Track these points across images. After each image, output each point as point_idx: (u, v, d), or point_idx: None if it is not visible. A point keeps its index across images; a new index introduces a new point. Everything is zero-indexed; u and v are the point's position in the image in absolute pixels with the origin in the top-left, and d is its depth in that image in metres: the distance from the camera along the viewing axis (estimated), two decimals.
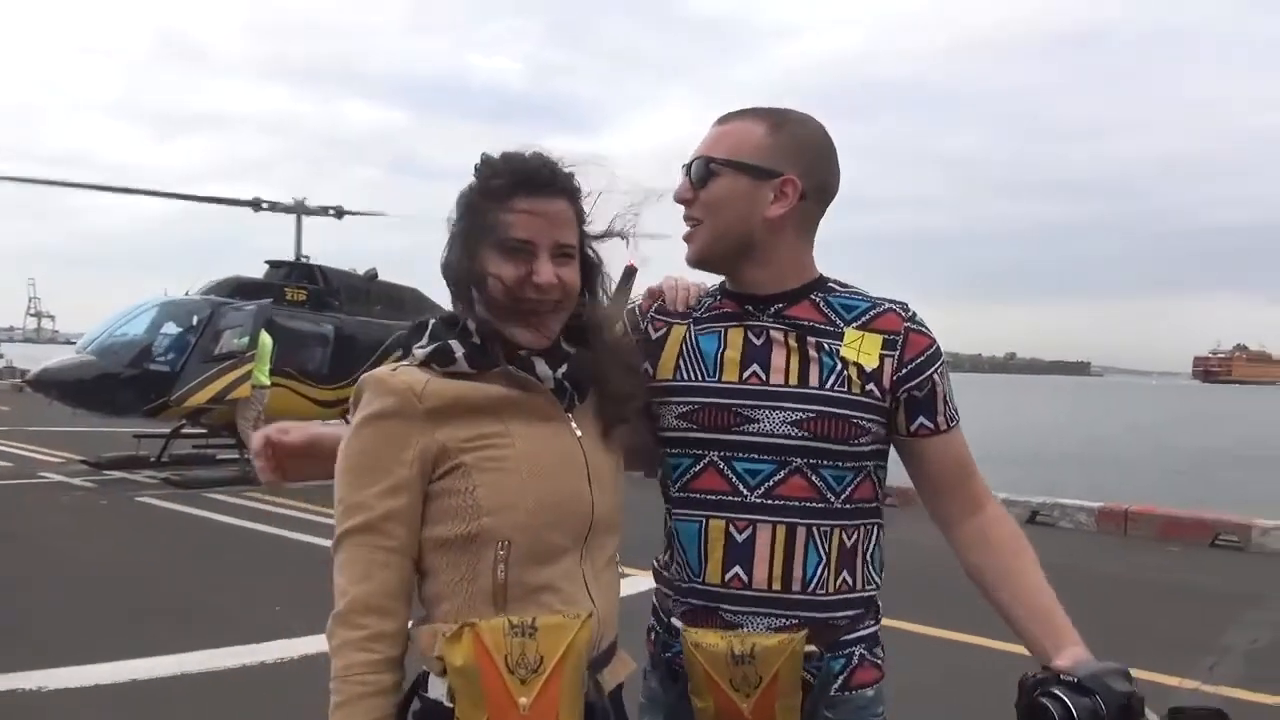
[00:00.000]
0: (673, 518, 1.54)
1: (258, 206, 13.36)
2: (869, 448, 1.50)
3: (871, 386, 1.48)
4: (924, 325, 1.53)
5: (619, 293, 1.58)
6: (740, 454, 1.48)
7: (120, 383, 10.80)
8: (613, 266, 1.51)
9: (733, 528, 1.47)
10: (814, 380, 1.48)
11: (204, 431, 11.95)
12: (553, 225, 1.36)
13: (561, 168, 1.38)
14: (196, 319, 11.34)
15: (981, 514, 1.54)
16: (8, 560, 7.01)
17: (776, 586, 1.45)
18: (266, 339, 11.21)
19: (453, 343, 1.37)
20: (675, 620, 1.52)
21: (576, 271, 1.40)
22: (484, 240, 1.36)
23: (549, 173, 1.37)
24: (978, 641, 5.15)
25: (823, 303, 1.53)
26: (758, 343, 1.51)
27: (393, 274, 13.88)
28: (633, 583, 1.71)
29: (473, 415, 1.34)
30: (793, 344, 1.50)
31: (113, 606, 5.82)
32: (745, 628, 1.45)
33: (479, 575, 1.31)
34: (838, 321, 1.51)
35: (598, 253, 1.46)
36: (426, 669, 1.33)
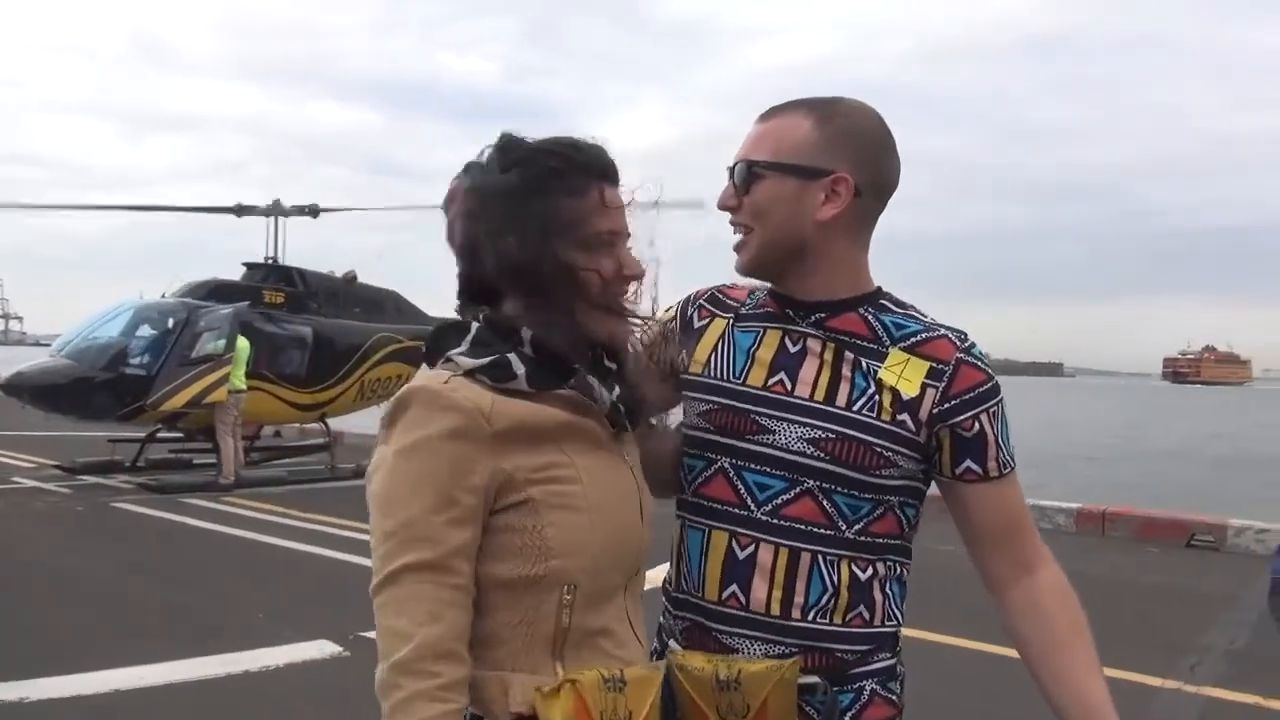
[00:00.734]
0: (684, 525, 1.45)
1: (240, 212, 13.21)
2: (894, 481, 1.38)
3: (905, 417, 1.36)
4: (982, 359, 1.41)
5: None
6: (752, 465, 1.39)
7: (95, 386, 10.66)
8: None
9: (735, 543, 1.38)
10: (841, 400, 1.37)
11: (180, 435, 11.83)
12: (627, 216, 1.29)
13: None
14: (173, 322, 11.21)
15: (1032, 578, 1.41)
16: None
17: (775, 610, 1.36)
18: (243, 342, 11.10)
19: (512, 356, 1.21)
20: (673, 642, 1.45)
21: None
22: (561, 233, 1.22)
23: (616, 163, 1.29)
24: (987, 649, 5.18)
25: (872, 318, 1.42)
26: (792, 350, 1.42)
27: (370, 273, 13.81)
28: None
29: (538, 442, 1.21)
30: (827, 358, 1.40)
31: (92, 615, 5.73)
32: (741, 653, 1.36)
33: (541, 619, 1.20)
34: (884, 340, 1.40)
35: None
36: None
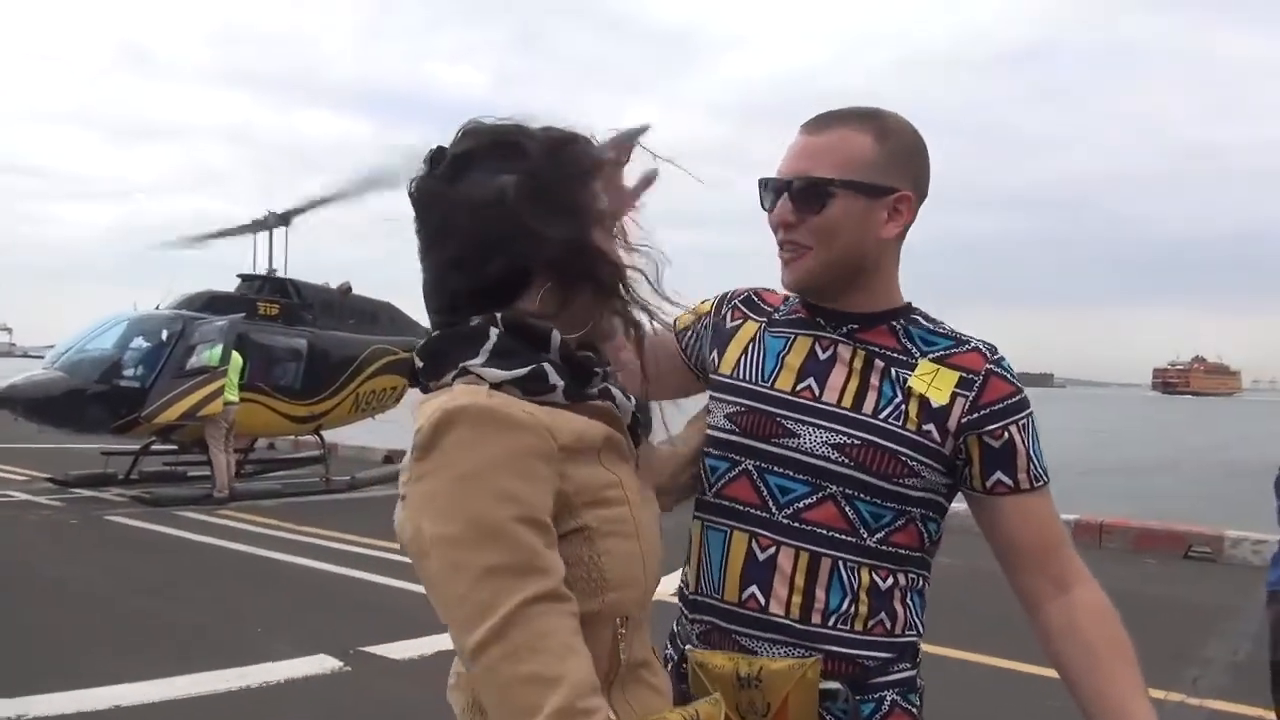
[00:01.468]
0: (705, 526, 1.45)
1: (261, 225, 13.09)
2: (917, 493, 1.38)
3: (931, 427, 1.37)
4: (1011, 372, 1.42)
5: None
6: (776, 467, 1.39)
7: (89, 399, 10.60)
8: None
9: (755, 544, 1.38)
10: (867, 407, 1.38)
11: (174, 448, 11.77)
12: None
13: None
14: (167, 334, 11.16)
15: (1068, 597, 1.38)
16: None
17: (795, 615, 1.36)
18: (236, 356, 11.07)
19: (547, 366, 1.09)
20: (689, 646, 1.44)
21: None
22: (600, 221, 1.14)
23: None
24: (1009, 666, 5.17)
25: (902, 332, 1.43)
26: (821, 357, 1.42)
27: (365, 282, 13.76)
28: None
29: (588, 459, 1.09)
30: (856, 366, 1.41)
31: (89, 629, 5.68)
32: (757, 654, 1.37)
33: (596, 659, 1.04)
34: (913, 351, 1.41)
35: None
36: None
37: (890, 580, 1.38)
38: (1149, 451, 31.51)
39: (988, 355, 1.41)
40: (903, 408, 1.37)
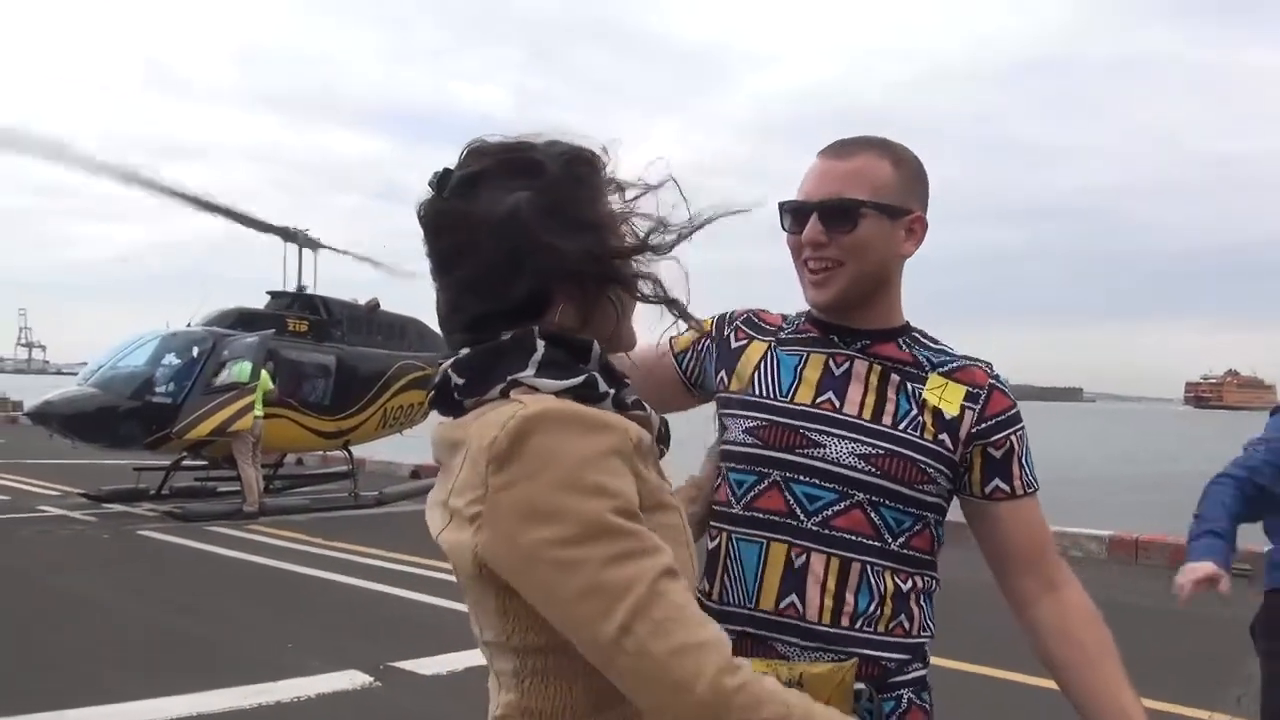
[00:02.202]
0: (733, 538, 1.48)
1: (287, 235, 13.23)
2: (932, 498, 1.47)
3: (945, 436, 1.46)
4: (1007, 386, 1.53)
5: None
6: (803, 477, 1.45)
7: (122, 415, 10.71)
8: None
9: (791, 552, 1.43)
10: (887, 419, 1.46)
11: (205, 464, 11.87)
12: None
13: None
14: (198, 350, 11.28)
15: (1058, 596, 1.48)
16: (7, 596, 6.91)
17: (826, 620, 1.41)
18: (263, 373, 11.16)
19: (598, 375, 1.09)
20: None
21: None
22: (615, 231, 1.15)
23: None
24: (1006, 676, 5.09)
25: (907, 348, 1.52)
26: (837, 372, 1.50)
27: (391, 299, 13.85)
28: None
29: (649, 460, 1.10)
30: (872, 381, 1.49)
31: (120, 645, 5.72)
32: (796, 660, 1.40)
33: None
34: (924, 366, 1.51)
35: None
36: None
37: (909, 583, 1.46)
38: (1182, 467, 31.07)
39: (988, 371, 1.53)
40: (920, 419, 1.46)
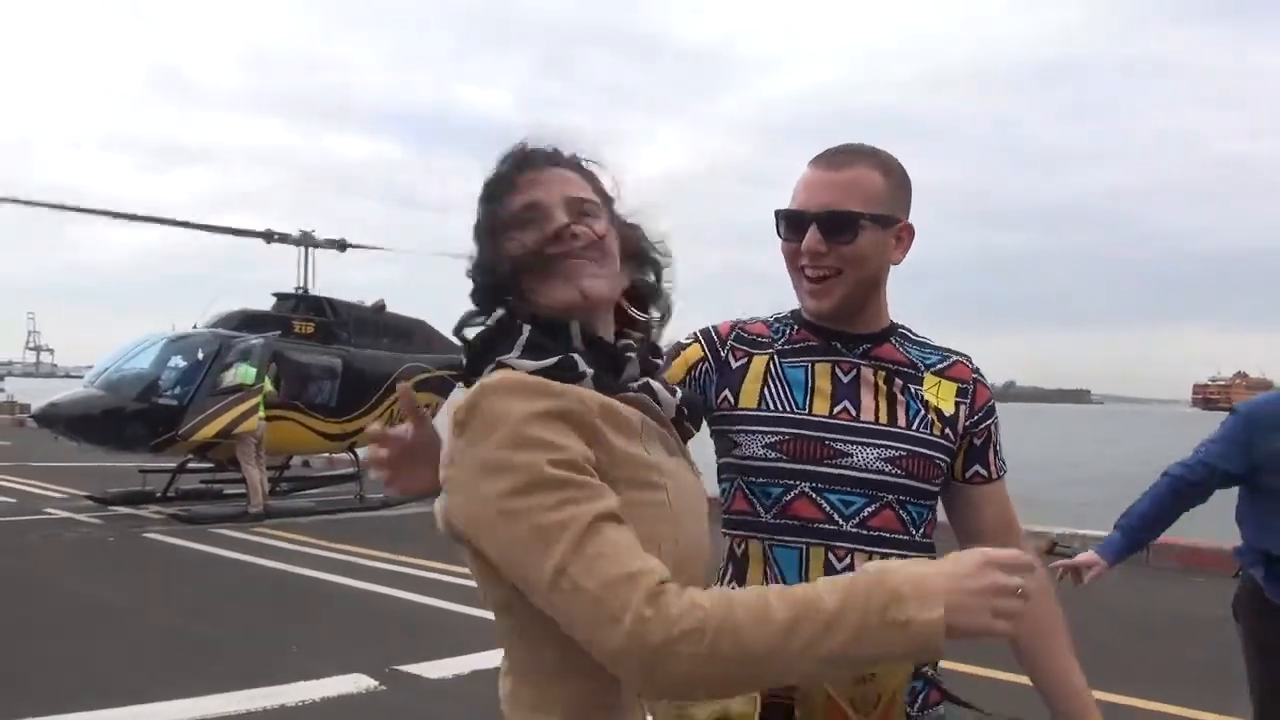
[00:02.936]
0: (768, 545, 1.53)
1: (269, 238, 13.31)
2: (937, 488, 1.58)
3: (948, 431, 1.57)
4: (985, 378, 1.65)
5: None
6: (833, 486, 1.50)
7: (127, 417, 10.72)
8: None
9: (832, 555, 1.49)
10: (901, 421, 1.54)
11: (211, 466, 11.85)
12: (558, 184, 1.22)
13: (569, 150, 1.27)
14: (204, 353, 11.28)
15: None
16: (14, 600, 6.89)
17: None
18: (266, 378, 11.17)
19: (576, 356, 1.13)
20: None
21: (607, 227, 1.22)
22: (502, 231, 1.20)
23: (548, 149, 1.25)
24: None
25: (900, 348, 1.60)
26: (845, 380, 1.56)
27: (397, 301, 13.89)
28: None
29: (632, 439, 1.12)
30: (881, 384, 1.56)
31: (125, 648, 5.69)
32: None
33: None
34: (918, 366, 1.59)
35: (643, 235, 1.28)
36: None
37: None
38: None
39: (969, 365, 1.63)
40: (928, 417, 1.56)
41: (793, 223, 1.54)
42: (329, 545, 9.13)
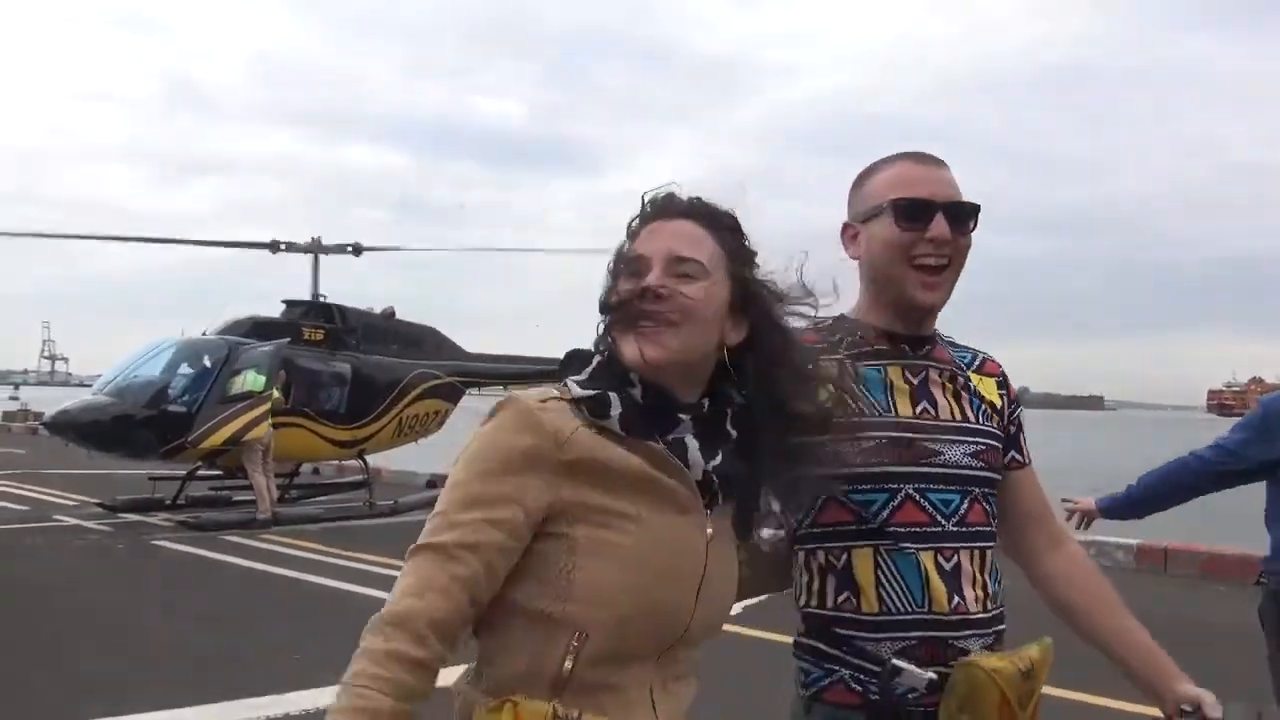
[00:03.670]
0: (881, 551, 1.51)
1: (275, 248, 13.34)
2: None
3: (1000, 422, 1.64)
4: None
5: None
6: (934, 485, 1.53)
7: (137, 424, 10.72)
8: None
9: (940, 557, 1.51)
10: (972, 417, 1.60)
11: (220, 473, 11.84)
12: (669, 238, 1.30)
13: (709, 200, 1.34)
14: (213, 359, 11.28)
15: (1064, 549, 1.68)
16: (22, 606, 6.87)
17: (977, 609, 1.51)
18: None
19: (613, 395, 1.25)
20: (898, 660, 1.48)
21: (706, 292, 1.28)
22: (615, 274, 1.33)
23: (678, 199, 1.34)
24: None
25: (946, 348, 1.66)
26: (915, 381, 1.58)
27: (407, 308, 13.88)
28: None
29: (609, 484, 1.23)
30: (946, 384, 1.60)
31: (134, 655, 5.65)
32: (972, 653, 1.48)
33: (545, 657, 1.21)
34: (962, 365, 1.65)
35: (773, 300, 1.35)
36: None
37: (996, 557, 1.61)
38: None
39: (995, 360, 1.70)
40: (988, 411, 1.62)
41: (914, 212, 1.53)
42: (338, 552, 9.09)
